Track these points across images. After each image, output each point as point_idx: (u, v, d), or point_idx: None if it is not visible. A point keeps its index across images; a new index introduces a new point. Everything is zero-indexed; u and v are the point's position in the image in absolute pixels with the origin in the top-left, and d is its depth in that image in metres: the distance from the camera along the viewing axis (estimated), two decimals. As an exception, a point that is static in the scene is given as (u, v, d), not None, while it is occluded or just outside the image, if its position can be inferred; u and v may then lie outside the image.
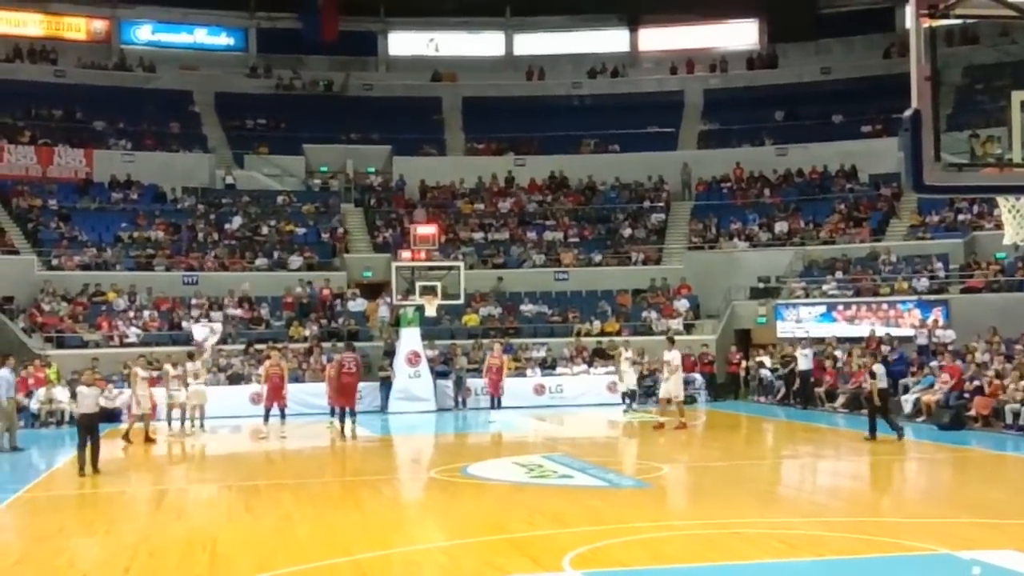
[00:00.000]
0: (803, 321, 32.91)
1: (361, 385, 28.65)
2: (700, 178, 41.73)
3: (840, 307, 32.52)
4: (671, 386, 23.14)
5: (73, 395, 27.59)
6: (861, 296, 32.86)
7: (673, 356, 23.12)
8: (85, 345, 31.23)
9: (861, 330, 31.20)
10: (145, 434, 22.13)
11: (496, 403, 28.56)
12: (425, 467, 19.07)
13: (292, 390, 28.21)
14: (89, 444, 17.27)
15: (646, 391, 30.06)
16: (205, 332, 29.96)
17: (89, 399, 17.81)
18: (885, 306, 31.96)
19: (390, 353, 30.65)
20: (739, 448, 21.57)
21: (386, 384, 29.42)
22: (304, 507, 13.61)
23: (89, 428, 17.46)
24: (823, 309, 32.84)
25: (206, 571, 9.97)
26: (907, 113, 5.58)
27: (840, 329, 31.76)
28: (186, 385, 24.43)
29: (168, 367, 23.93)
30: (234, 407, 27.17)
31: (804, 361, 28.45)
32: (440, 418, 27.27)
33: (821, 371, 28.63)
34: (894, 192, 37.86)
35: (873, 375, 20.76)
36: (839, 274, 34.28)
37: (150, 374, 24.53)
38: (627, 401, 27.91)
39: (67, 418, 27.42)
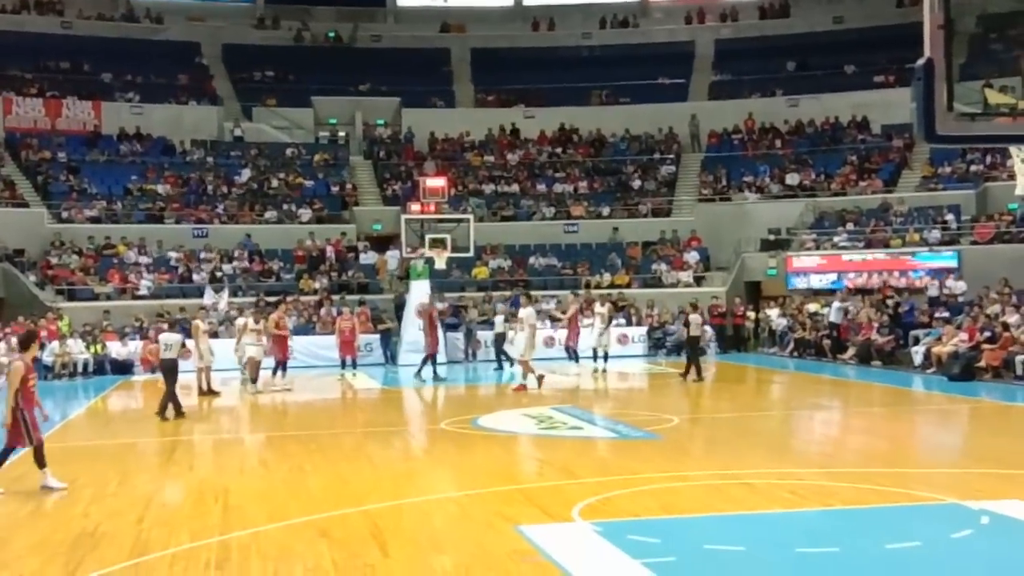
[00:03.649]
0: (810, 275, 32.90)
1: (370, 337, 28.95)
2: (711, 129, 41.54)
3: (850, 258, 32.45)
4: (521, 344, 22.10)
5: (89, 344, 27.88)
6: (872, 248, 32.75)
7: (527, 313, 22.12)
8: (96, 298, 31.39)
9: (873, 282, 31.16)
10: (208, 386, 21.78)
11: (574, 356, 26.92)
12: (435, 419, 19.15)
13: (303, 342, 28.53)
14: (168, 388, 18.24)
15: (656, 343, 30.14)
16: (214, 297, 30.02)
17: (172, 344, 18.56)
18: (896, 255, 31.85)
19: (400, 306, 30.71)
20: (749, 400, 21.61)
21: (386, 336, 29.47)
22: (315, 459, 13.69)
23: (171, 371, 18.38)
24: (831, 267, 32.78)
25: (218, 521, 10.04)
26: (920, 62, 5.46)
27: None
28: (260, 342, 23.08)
29: (249, 320, 22.88)
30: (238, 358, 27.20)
31: (836, 314, 28.25)
32: (450, 370, 27.34)
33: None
34: (906, 143, 37.62)
35: (688, 323, 22.96)
36: (850, 226, 34.15)
37: (210, 327, 24.21)
38: (596, 361, 25.70)
39: (80, 369, 27.65)
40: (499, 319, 27.03)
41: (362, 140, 42.74)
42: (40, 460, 11.69)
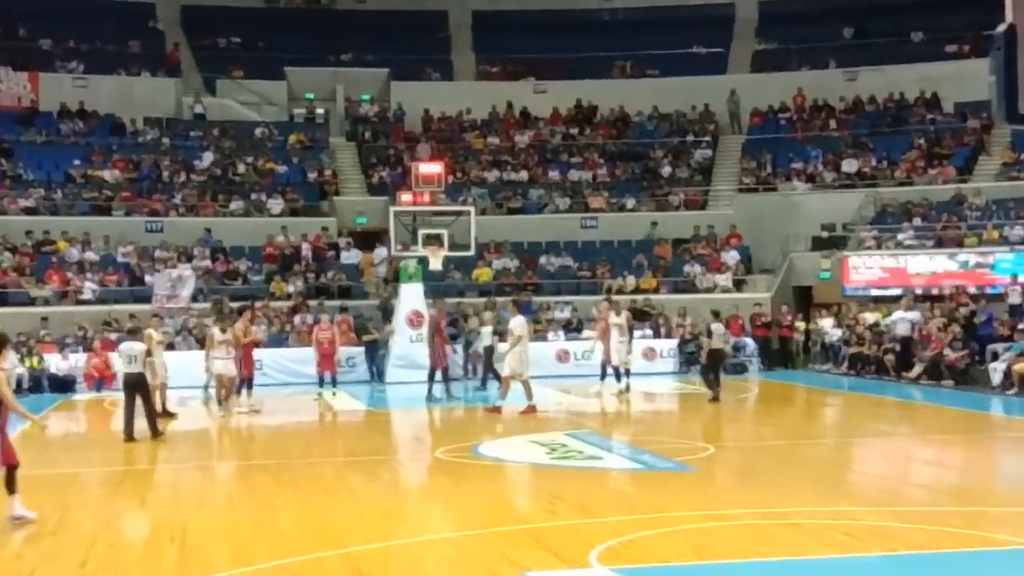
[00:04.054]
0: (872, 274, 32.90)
1: (353, 350, 28.99)
2: (754, 107, 41.53)
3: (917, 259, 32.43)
4: (512, 360, 21.80)
5: (23, 356, 27.92)
6: (943, 247, 32.72)
7: (517, 324, 21.92)
8: (32, 302, 31.46)
9: (943, 287, 31.13)
10: (163, 406, 21.67)
11: (616, 373, 26.05)
12: (429, 446, 19.14)
13: (274, 356, 28.58)
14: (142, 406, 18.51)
15: (687, 358, 30.16)
16: (171, 287, 30.00)
17: (136, 356, 18.73)
18: (971, 258, 31.81)
19: (387, 312, 30.74)
20: (797, 425, 21.57)
21: (371, 348, 29.51)
22: (287, 492, 13.69)
23: (136, 388, 18.62)
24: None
25: (174, 566, 10.05)
26: (1001, 28, 5.45)
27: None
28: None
29: (215, 331, 22.80)
30: (205, 375, 27.24)
31: (903, 326, 28.21)
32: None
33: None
34: (984, 123, 37.60)
35: (710, 334, 23.12)
36: (917, 221, 34.11)
37: (164, 337, 24.20)
38: (619, 379, 25.38)
39: (14, 386, 27.62)
40: (486, 330, 26.94)
41: (344, 118, 42.77)
42: (11, 485, 11.84)
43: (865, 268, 33.16)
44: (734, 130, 41.59)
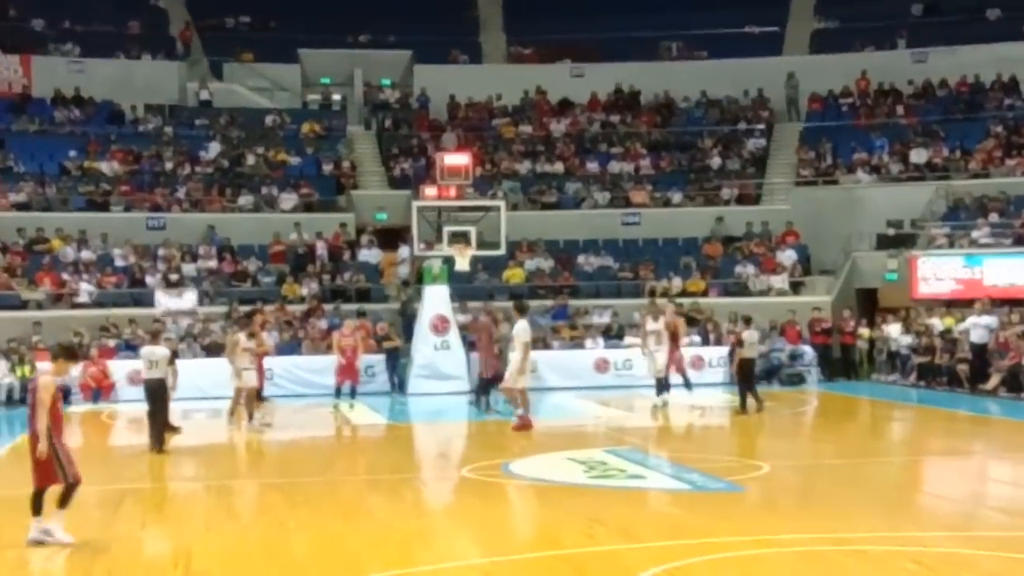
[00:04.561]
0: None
1: (372, 358, 29.08)
2: (812, 92, 41.37)
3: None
4: (514, 369, 21.38)
5: (14, 365, 28.14)
6: (1023, 245, 32.52)
7: (521, 329, 21.40)
8: (24, 306, 31.63)
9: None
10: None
11: (685, 382, 26.32)
12: (456, 464, 19.17)
13: (286, 364, 28.68)
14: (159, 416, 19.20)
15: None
16: (167, 304, 30.28)
17: (158, 361, 19.32)
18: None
19: (409, 317, 30.80)
20: (861, 442, 21.47)
21: (392, 357, 29.58)
22: (301, 513, 13.74)
23: (157, 394, 19.31)
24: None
25: (178, 593, 10.11)
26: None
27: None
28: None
29: (241, 336, 22.71)
30: (214, 385, 27.37)
31: (978, 333, 28.04)
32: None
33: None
34: (1067, 110, 37.33)
35: (741, 343, 23.30)
36: (994, 216, 33.91)
37: (168, 345, 24.31)
38: (659, 392, 25.11)
39: (3, 396, 27.90)
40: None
41: (363, 105, 42.88)
42: (65, 502, 12.17)
43: (936, 280, 32.88)
44: (791, 117, 41.43)
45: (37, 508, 12.13)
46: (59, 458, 12.08)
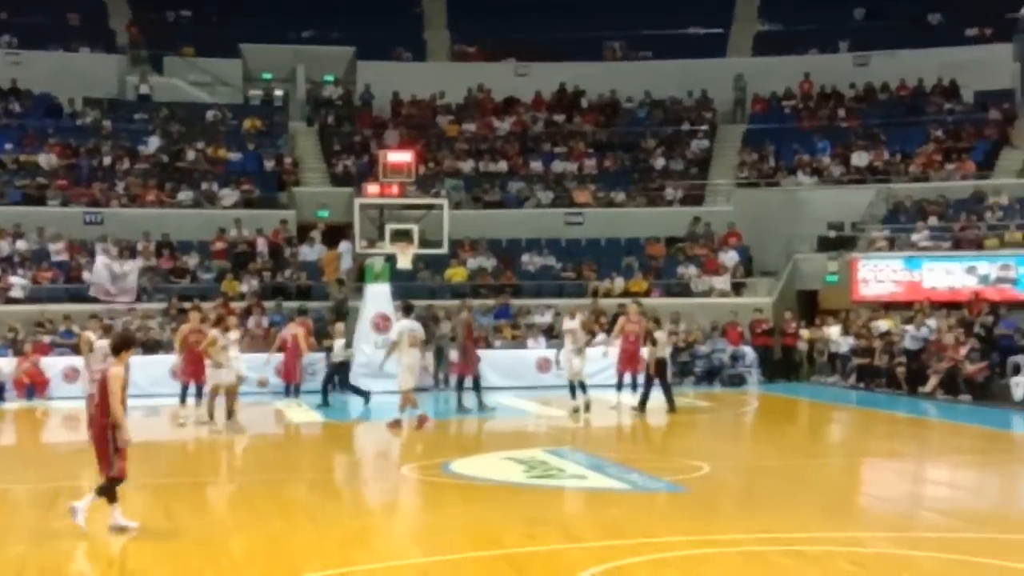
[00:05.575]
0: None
1: (312, 356, 28.96)
2: (755, 94, 41.60)
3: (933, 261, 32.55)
4: (400, 371, 21.62)
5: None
6: (961, 249, 32.83)
7: (401, 329, 21.61)
8: (-45, 301, 31.27)
9: (961, 293, 31.22)
10: None
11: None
12: (395, 463, 19.11)
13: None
14: None
15: (682, 368, 30.21)
16: (109, 267, 29.90)
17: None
18: (991, 262, 31.92)
19: (341, 314, 30.70)
20: (800, 443, 21.63)
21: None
22: (239, 513, 13.66)
23: None
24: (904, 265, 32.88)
25: (113, 592, 10.01)
26: (1026, 10, 5.47)
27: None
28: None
29: (215, 332, 22.40)
30: (151, 382, 27.19)
31: (913, 342, 28.30)
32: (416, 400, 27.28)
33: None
34: (1006, 114, 37.70)
35: (655, 342, 23.38)
36: (933, 220, 34.22)
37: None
38: (574, 395, 24.19)
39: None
40: (338, 343, 27.03)
41: (305, 101, 42.68)
42: (112, 495, 12.37)
43: (876, 282, 33.14)
44: (735, 119, 41.65)
45: (112, 497, 12.41)
46: (116, 449, 12.32)
